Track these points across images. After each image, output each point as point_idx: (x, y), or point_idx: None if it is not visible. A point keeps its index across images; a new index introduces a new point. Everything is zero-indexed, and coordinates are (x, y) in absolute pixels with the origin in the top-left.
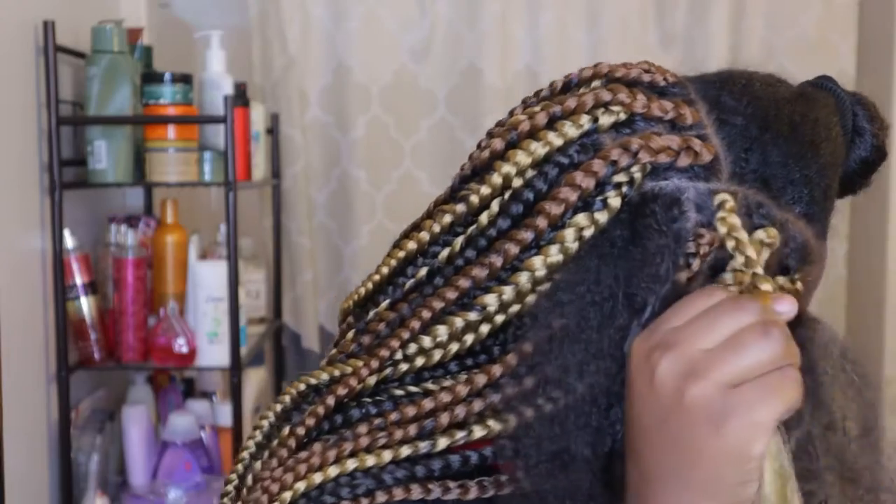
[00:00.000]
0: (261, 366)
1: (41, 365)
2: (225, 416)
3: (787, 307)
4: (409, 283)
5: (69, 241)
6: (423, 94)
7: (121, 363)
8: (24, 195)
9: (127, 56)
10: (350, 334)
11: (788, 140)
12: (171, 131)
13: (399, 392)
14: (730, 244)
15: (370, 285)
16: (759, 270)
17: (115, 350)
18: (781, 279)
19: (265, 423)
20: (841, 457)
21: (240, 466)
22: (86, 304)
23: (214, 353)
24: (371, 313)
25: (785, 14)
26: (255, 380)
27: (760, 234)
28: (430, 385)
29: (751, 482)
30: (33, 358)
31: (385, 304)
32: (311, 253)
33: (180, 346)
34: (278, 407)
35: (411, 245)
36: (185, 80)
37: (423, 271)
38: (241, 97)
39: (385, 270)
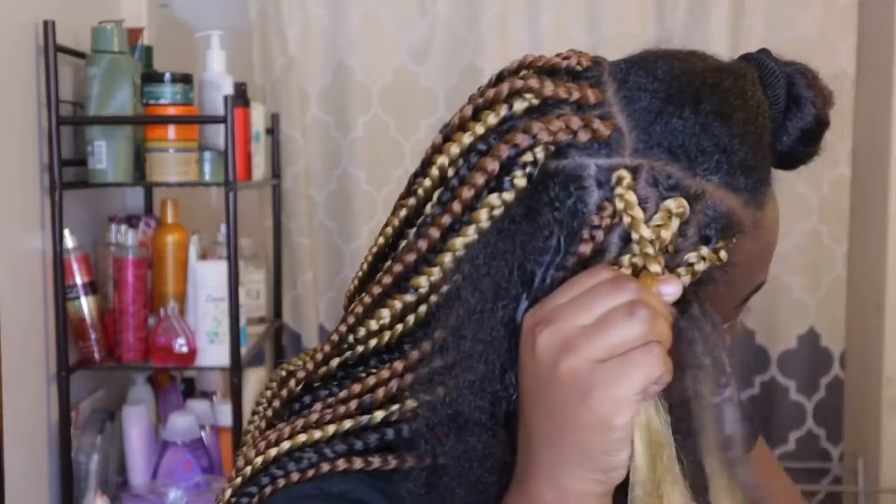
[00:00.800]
0: (261, 366)
1: (41, 365)
2: (225, 416)
3: (671, 289)
4: (380, 275)
5: (69, 240)
6: (423, 94)
7: (121, 363)
8: (25, 195)
9: (127, 56)
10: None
11: (693, 110)
12: (171, 131)
13: (363, 374)
14: (626, 220)
15: (356, 282)
16: (650, 250)
17: (116, 350)
18: (704, 249)
19: (260, 409)
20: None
21: (242, 449)
22: (86, 304)
23: (214, 353)
24: (352, 306)
25: (785, 14)
26: (255, 380)
27: (669, 203)
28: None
29: (618, 451)
30: (33, 358)
31: (364, 296)
32: (311, 253)
33: (180, 345)
34: (268, 393)
35: (381, 241)
36: (185, 80)
37: (389, 262)
38: (241, 97)
39: (365, 267)
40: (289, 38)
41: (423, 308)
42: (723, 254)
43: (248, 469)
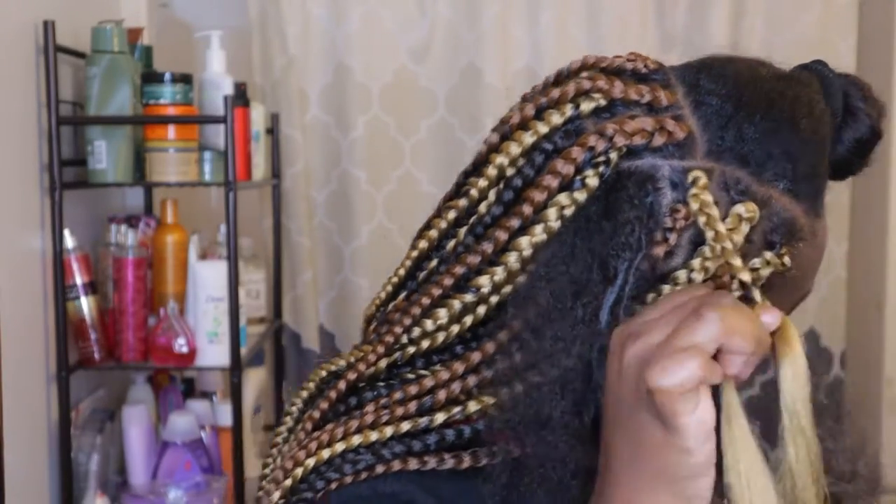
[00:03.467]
0: (261, 366)
1: (41, 365)
2: (225, 416)
3: (769, 318)
4: (423, 275)
5: (69, 240)
6: (423, 94)
7: (121, 363)
8: (25, 195)
9: (127, 56)
10: (373, 325)
11: (764, 116)
12: (171, 131)
13: (410, 375)
14: (701, 220)
15: (389, 287)
16: (728, 245)
17: (115, 350)
18: (768, 254)
19: (294, 409)
20: None
21: (274, 451)
22: (86, 304)
23: (214, 353)
24: (390, 306)
25: (785, 14)
26: (255, 380)
27: (739, 208)
28: (437, 367)
29: (700, 476)
30: (33, 358)
31: (402, 296)
32: (311, 253)
33: (180, 345)
34: (304, 393)
35: (423, 244)
36: (185, 80)
37: (434, 263)
38: (241, 97)
39: (402, 272)
40: (289, 38)
41: (482, 308)
42: (786, 259)
43: (300, 470)
